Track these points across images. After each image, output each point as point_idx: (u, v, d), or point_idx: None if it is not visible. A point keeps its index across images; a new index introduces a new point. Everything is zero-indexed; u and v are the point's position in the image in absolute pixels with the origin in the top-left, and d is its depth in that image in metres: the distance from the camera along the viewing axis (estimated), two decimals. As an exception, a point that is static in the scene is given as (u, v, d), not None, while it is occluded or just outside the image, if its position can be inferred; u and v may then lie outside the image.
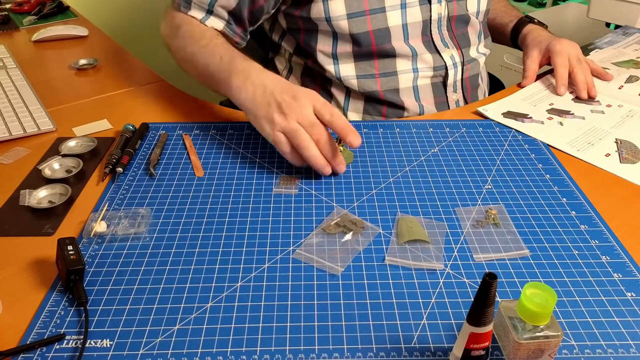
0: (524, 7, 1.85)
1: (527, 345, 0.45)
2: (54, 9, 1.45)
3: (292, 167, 0.75)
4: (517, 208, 0.68)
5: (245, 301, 0.54)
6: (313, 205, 0.68)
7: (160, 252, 0.61)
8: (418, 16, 0.88)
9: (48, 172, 0.75)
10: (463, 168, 0.75)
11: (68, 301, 0.55)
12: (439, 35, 0.92)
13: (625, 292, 0.55)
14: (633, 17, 1.20)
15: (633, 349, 0.50)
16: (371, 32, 0.85)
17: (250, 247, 0.61)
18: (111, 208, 0.68)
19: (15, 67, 1.09)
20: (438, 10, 0.89)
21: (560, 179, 0.73)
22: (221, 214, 0.67)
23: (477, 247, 0.61)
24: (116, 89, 1.01)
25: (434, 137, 0.83)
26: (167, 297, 0.55)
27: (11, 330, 0.52)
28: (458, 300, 0.54)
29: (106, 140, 0.83)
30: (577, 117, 0.87)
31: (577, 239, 0.63)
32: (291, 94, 0.70)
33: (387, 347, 0.50)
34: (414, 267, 0.58)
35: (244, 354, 0.49)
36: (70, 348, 0.50)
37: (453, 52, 0.94)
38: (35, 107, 0.92)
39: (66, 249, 0.56)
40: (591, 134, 0.83)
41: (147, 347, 0.50)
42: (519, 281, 0.57)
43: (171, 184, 0.72)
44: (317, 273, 0.58)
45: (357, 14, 0.84)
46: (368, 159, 0.77)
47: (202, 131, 0.85)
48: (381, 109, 0.93)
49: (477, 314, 0.42)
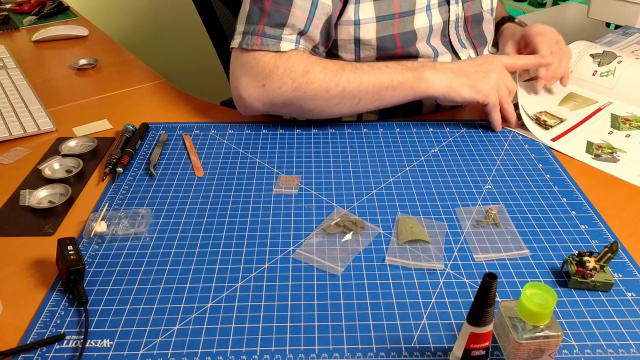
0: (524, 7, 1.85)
1: (527, 345, 0.45)
2: (54, 9, 1.45)
3: (292, 167, 0.75)
4: (517, 208, 0.68)
5: (245, 301, 0.54)
6: (313, 205, 0.68)
7: (160, 252, 0.61)
8: (438, 17, 0.87)
9: (48, 172, 0.75)
10: (463, 168, 0.75)
11: (68, 301, 0.55)
12: (456, 36, 0.92)
13: (625, 292, 0.55)
14: (633, 17, 1.20)
15: (633, 349, 0.50)
16: (397, 35, 0.84)
17: (250, 247, 0.61)
18: (111, 208, 0.68)
19: (15, 67, 1.09)
20: (456, 11, 0.89)
21: (560, 179, 0.73)
22: (221, 214, 0.67)
23: (477, 247, 0.61)
24: (116, 89, 1.01)
25: (434, 137, 0.83)
26: (167, 297, 0.55)
27: (11, 330, 0.52)
28: (458, 300, 0.54)
29: (106, 140, 0.83)
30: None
31: (577, 239, 0.63)
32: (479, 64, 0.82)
33: (387, 347, 0.50)
34: (414, 267, 0.58)
35: (244, 354, 0.49)
36: (70, 348, 0.50)
37: (470, 52, 0.94)
38: (36, 107, 0.92)
39: (66, 249, 0.56)
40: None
41: (147, 347, 0.50)
42: (519, 281, 0.57)
43: (171, 184, 0.72)
44: (317, 273, 0.58)
45: (387, 17, 0.82)
46: (368, 159, 0.77)
47: (202, 131, 0.85)
48: (397, 110, 0.90)
49: (477, 314, 0.42)
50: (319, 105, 0.80)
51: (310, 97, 0.78)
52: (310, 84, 0.77)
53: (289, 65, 0.77)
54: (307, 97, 0.78)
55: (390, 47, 0.85)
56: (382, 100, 0.81)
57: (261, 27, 0.77)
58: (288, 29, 0.77)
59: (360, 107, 0.81)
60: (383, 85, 0.79)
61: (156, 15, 2.17)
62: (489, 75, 0.81)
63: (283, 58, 0.77)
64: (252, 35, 0.77)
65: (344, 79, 0.78)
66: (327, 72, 0.78)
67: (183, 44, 2.17)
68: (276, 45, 0.77)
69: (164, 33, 2.18)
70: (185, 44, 2.16)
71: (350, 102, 0.80)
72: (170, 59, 2.11)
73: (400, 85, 0.79)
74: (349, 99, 0.79)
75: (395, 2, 0.82)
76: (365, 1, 0.81)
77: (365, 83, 0.78)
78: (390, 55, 0.86)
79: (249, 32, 0.77)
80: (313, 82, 0.77)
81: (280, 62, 0.77)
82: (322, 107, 0.80)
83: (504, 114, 0.84)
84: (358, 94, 0.79)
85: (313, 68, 0.77)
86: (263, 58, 0.77)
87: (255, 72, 0.78)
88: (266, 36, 0.77)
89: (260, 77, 0.78)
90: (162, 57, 2.05)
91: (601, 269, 0.56)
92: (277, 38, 0.77)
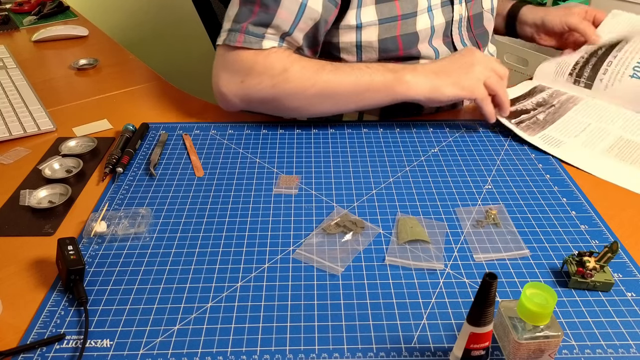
0: (524, 7, 1.85)
1: (527, 345, 0.45)
2: (54, 9, 1.45)
3: (292, 167, 0.75)
4: (517, 208, 0.68)
5: (245, 301, 0.54)
6: (313, 205, 0.68)
7: (160, 252, 0.61)
8: (441, 18, 0.87)
9: (48, 172, 0.75)
10: (463, 168, 0.75)
11: (68, 301, 0.55)
12: (458, 36, 0.92)
13: (625, 292, 0.55)
14: (633, 17, 1.19)
15: (633, 349, 0.50)
16: (399, 37, 0.84)
17: (250, 247, 0.61)
18: (111, 208, 0.68)
19: (15, 67, 1.09)
20: (459, 11, 0.89)
21: (560, 179, 0.73)
22: (221, 214, 0.67)
23: (477, 247, 0.61)
24: (116, 89, 1.01)
25: (434, 137, 0.83)
26: (167, 297, 0.55)
27: (11, 330, 0.52)
28: (458, 300, 0.54)
29: (106, 140, 0.83)
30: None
31: (577, 239, 0.63)
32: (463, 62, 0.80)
33: (387, 347, 0.50)
34: (414, 267, 0.58)
35: (244, 354, 0.49)
36: (70, 348, 0.50)
37: None
38: (36, 107, 0.92)
39: (66, 249, 0.56)
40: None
41: (147, 347, 0.50)
42: (519, 281, 0.57)
43: (171, 184, 0.72)
44: (317, 273, 0.58)
45: (389, 19, 0.82)
46: (368, 159, 0.77)
47: (202, 131, 0.85)
48: (397, 110, 0.90)
49: (477, 314, 0.42)
50: (296, 104, 0.80)
51: (287, 95, 0.78)
52: (288, 82, 0.77)
53: (268, 62, 0.77)
54: (285, 96, 0.79)
55: (392, 49, 0.85)
56: (362, 101, 0.80)
57: (246, 25, 0.77)
58: (272, 29, 0.77)
59: (340, 107, 0.81)
60: (362, 86, 0.78)
61: (156, 15, 2.17)
62: (471, 69, 0.79)
63: (262, 55, 0.78)
64: (236, 33, 0.78)
65: (323, 78, 0.78)
66: (305, 71, 0.78)
67: (183, 44, 2.17)
68: (258, 43, 0.77)
69: (164, 33, 2.18)
70: (185, 43, 2.16)
71: (329, 102, 0.79)
72: (170, 58, 2.11)
73: (380, 87, 0.78)
74: (327, 99, 0.79)
75: (397, 4, 0.82)
76: (366, 5, 0.80)
77: (345, 83, 0.78)
78: (392, 57, 0.86)
79: (234, 30, 0.78)
80: (291, 80, 0.77)
81: (259, 59, 0.77)
82: (300, 106, 0.80)
83: (496, 102, 0.81)
84: (337, 94, 0.79)
85: (292, 66, 0.77)
86: (243, 54, 0.78)
87: (234, 68, 0.79)
88: (249, 34, 0.77)
89: (240, 74, 0.79)
90: (162, 56, 2.05)
91: (601, 269, 0.56)
92: (260, 36, 0.77)
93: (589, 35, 0.97)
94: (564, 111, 0.88)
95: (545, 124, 0.84)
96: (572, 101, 0.91)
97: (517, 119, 0.85)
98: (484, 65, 0.80)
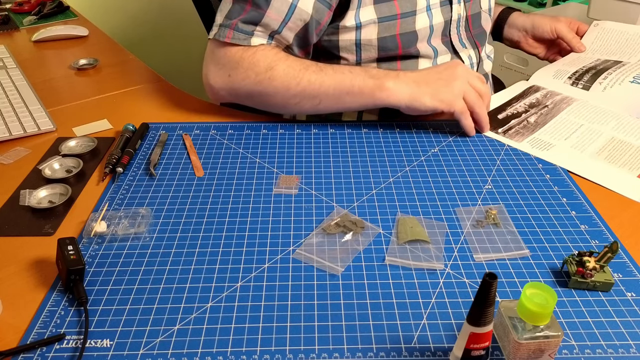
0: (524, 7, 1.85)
1: (527, 345, 0.45)
2: (54, 9, 1.45)
3: (292, 167, 0.75)
4: (517, 208, 0.68)
5: (245, 301, 0.54)
6: (313, 205, 0.68)
7: (160, 252, 0.61)
8: (440, 17, 0.87)
9: (48, 172, 0.75)
10: (463, 168, 0.75)
11: (68, 301, 0.55)
12: (457, 36, 0.92)
13: (625, 292, 0.55)
14: (633, 17, 1.20)
15: (633, 349, 0.50)
16: (398, 35, 0.84)
17: (250, 247, 0.61)
18: (111, 208, 0.68)
19: (15, 67, 1.09)
20: (458, 10, 0.89)
21: (560, 179, 0.73)
22: (221, 214, 0.67)
23: (477, 247, 0.61)
24: (116, 89, 1.01)
25: (434, 137, 0.83)
26: (167, 297, 0.55)
27: (11, 330, 0.52)
28: (458, 300, 0.54)
29: (106, 140, 0.83)
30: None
31: (577, 239, 0.63)
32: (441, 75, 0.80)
33: (387, 347, 0.50)
34: (414, 267, 0.58)
35: (244, 354, 0.49)
36: (70, 348, 0.50)
37: (471, 52, 0.95)
38: (36, 107, 0.92)
39: (66, 249, 0.56)
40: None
41: (147, 347, 0.50)
42: (519, 281, 0.57)
43: (171, 184, 0.72)
44: (317, 273, 0.58)
45: (388, 17, 0.82)
46: (368, 159, 0.77)
47: (202, 131, 0.85)
48: (397, 110, 0.90)
49: (477, 314, 0.42)
50: (279, 101, 0.82)
51: (271, 92, 0.81)
52: (272, 80, 0.79)
53: (254, 59, 0.80)
54: (269, 93, 0.81)
55: (392, 48, 0.85)
56: (343, 104, 0.81)
57: (236, 21, 0.79)
58: (261, 27, 0.79)
59: (322, 108, 0.82)
60: (343, 89, 0.79)
61: (156, 15, 2.17)
62: (451, 84, 0.79)
63: (250, 52, 0.80)
64: (226, 28, 0.80)
65: (306, 78, 0.79)
66: (289, 71, 0.79)
67: (183, 44, 2.17)
68: (247, 40, 0.79)
69: (164, 33, 2.18)
70: (185, 43, 2.16)
71: (310, 102, 0.81)
72: (170, 58, 2.11)
73: (360, 92, 0.79)
74: (309, 99, 0.80)
75: (396, 3, 0.82)
76: (365, 5, 0.81)
77: (326, 85, 0.79)
78: (391, 56, 0.86)
79: (224, 25, 0.80)
80: (275, 78, 0.79)
81: (246, 56, 0.80)
82: (283, 104, 0.82)
83: (475, 119, 0.81)
84: (318, 95, 0.80)
85: (277, 65, 0.79)
86: (232, 50, 0.80)
87: (222, 62, 0.82)
88: (238, 30, 0.79)
89: (227, 68, 0.81)
90: (162, 56, 2.05)
91: (601, 269, 0.56)
92: (249, 33, 0.79)
93: (574, 43, 1.03)
94: (556, 112, 0.87)
95: (535, 126, 0.84)
96: (566, 102, 0.90)
97: (505, 127, 0.84)
98: (463, 80, 0.80)
